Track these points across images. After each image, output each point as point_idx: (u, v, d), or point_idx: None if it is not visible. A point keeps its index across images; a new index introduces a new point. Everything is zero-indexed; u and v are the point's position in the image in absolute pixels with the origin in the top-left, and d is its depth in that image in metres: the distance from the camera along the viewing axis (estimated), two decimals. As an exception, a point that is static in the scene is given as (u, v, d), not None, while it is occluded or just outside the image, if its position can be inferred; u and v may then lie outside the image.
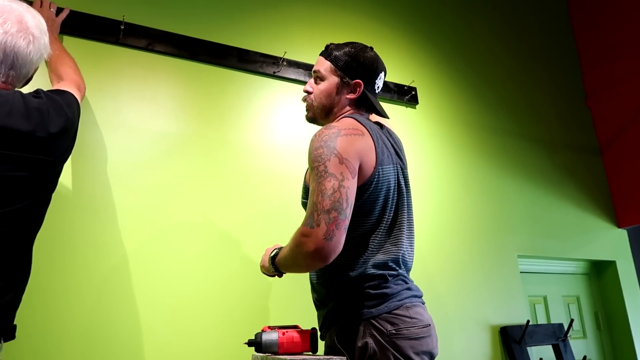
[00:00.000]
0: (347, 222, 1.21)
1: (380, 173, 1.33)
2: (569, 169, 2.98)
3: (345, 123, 1.37)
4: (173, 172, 1.79)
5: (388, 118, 1.54)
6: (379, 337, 1.25)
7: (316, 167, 1.26)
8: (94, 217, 1.62)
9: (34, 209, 1.12)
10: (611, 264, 2.94)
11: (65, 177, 1.60)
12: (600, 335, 2.88)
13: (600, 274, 2.99)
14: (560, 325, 2.52)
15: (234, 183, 1.89)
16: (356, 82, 1.44)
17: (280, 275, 1.43)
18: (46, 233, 1.51)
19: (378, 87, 1.49)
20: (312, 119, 1.52)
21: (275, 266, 1.37)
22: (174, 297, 1.67)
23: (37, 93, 1.19)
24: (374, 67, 1.47)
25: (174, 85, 1.89)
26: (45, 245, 1.51)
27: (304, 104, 1.52)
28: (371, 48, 1.50)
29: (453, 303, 2.24)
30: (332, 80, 1.44)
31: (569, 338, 2.51)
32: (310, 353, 1.30)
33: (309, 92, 1.48)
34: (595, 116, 3.24)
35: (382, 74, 1.49)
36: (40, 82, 1.60)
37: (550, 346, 2.49)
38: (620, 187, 3.06)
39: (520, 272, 2.61)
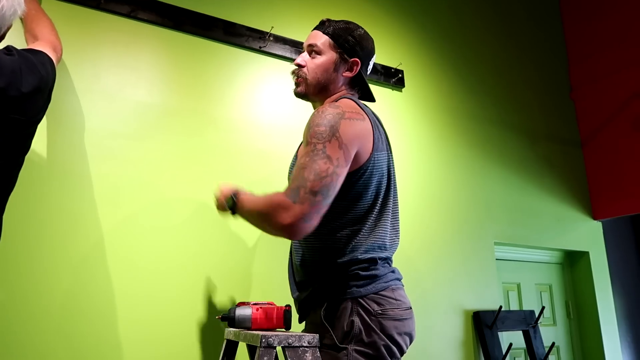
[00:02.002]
0: (325, 209, 1.21)
1: (375, 159, 1.34)
2: (549, 159, 3.01)
3: (348, 105, 1.35)
4: (153, 143, 1.76)
5: (375, 102, 1.53)
6: (365, 317, 1.27)
7: (314, 143, 1.23)
8: (70, 186, 1.58)
9: (6, 170, 1.09)
10: (584, 255, 3.00)
11: (40, 144, 1.56)
12: (570, 323, 2.95)
13: (574, 264, 3.05)
14: (532, 312, 2.57)
15: (215, 157, 1.87)
16: (354, 61, 1.43)
17: (231, 214, 1.37)
18: (20, 202, 1.48)
19: (369, 70, 1.50)
20: (302, 93, 1.47)
21: (235, 206, 1.33)
22: (146, 273, 1.65)
23: (9, 50, 1.14)
24: (371, 48, 1.48)
25: (157, 54, 1.85)
26: (19, 216, 1.48)
27: (293, 78, 1.48)
28: (363, 28, 1.49)
29: (429, 287, 2.26)
30: (330, 55, 1.42)
31: (539, 325, 2.56)
32: (284, 329, 1.30)
33: (301, 66, 1.44)
34: (579, 109, 3.27)
35: (374, 57, 1.50)
36: (16, 42, 1.55)
37: (521, 332, 2.54)
38: (598, 180, 3.11)
39: (496, 259, 2.65)
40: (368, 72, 1.51)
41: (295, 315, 1.49)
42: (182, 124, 1.83)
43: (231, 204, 1.33)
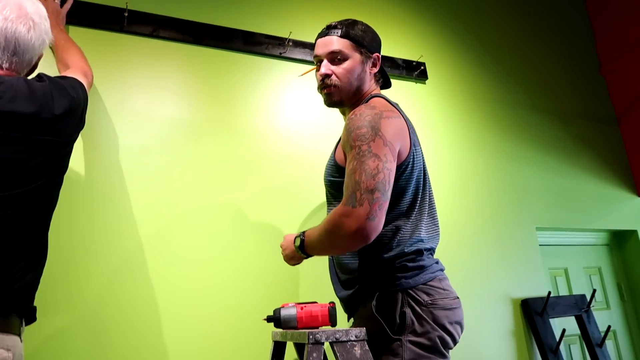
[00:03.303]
0: (387, 204, 1.21)
1: (415, 154, 1.35)
2: (585, 139, 2.92)
3: (382, 104, 1.35)
4: (182, 157, 1.79)
5: (391, 87, 1.60)
6: (417, 307, 1.26)
7: (358, 145, 1.23)
8: (108, 203, 1.63)
9: (46, 190, 1.13)
10: (632, 234, 2.88)
11: (78, 164, 1.61)
12: (624, 305, 2.84)
13: (622, 244, 2.93)
14: (583, 296, 2.49)
15: (244, 166, 1.89)
16: (376, 56, 1.46)
17: (305, 256, 1.37)
18: (62, 220, 1.53)
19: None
20: (338, 102, 1.44)
21: (304, 250, 1.33)
22: (189, 281, 1.68)
23: (40, 77, 1.19)
24: (379, 38, 1.51)
25: (181, 70, 1.89)
26: (62, 233, 1.53)
27: (321, 91, 1.44)
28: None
29: (472, 278, 2.22)
30: (356, 57, 1.42)
31: (592, 309, 2.47)
32: (330, 327, 1.30)
33: (329, 75, 1.41)
34: (611, 85, 3.17)
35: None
36: (49, 72, 1.61)
37: (574, 317, 2.46)
38: (638, 155, 2.99)
39: (540, 245, 2.57)
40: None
41: (342, 315, 1.48)
42: (210, 135, 1.86)
43: (299, 244, 1.33)
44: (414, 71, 2.38)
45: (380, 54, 1.49)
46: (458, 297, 1.35)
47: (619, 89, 3.12)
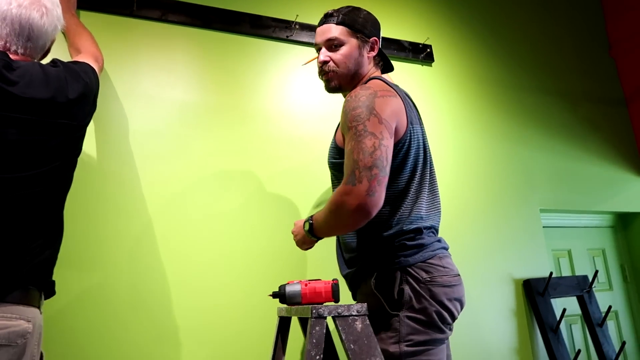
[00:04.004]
0: (387, 179, 1.25)
1: (412, 132, 1.38)
2: (592, 121, 2.92)
3: (377, 84, 1.39)
4: (193, 139, 1.84)
5: (393, 70, 1.60)
6: (415, 284, 1.30)
7: (354, 126, 1.27)
8: (120, 184, 1.69)
9: (63, 171, 1.19)
10: (638, 216, 2.90)
11: (90, 147, 1.67)
12: (627, 287, 2.87)
13: (627, 226, 2.95)
14: (585, 277, 2.52)
15: (252, 147, 1.93)
16: (373, 40, 1.49)
17: (315, 239, 1.42)
18: (77, 201, 1.59)
19: (381, 43, 1.54)
20: (337, 87, 1.49)
21: (314, 233, 1.37)
22: (200, 255, 1.74)
23: (54, 63, 1.24)
24: (378, 23, 1.54)
25: (189, 54, 1.92)
26: (77, 212, 1.59)
27: (322, 77, 1.50)
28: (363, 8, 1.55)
29: (476, 257, 2.26)
30: (352, 42, 1.46)
31: (593, 290, 2.51)
32: (333, 303, 1.35)
33: (326, 62, 1.46)
34: (620, 66, 3.14)
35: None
36: (61, 58, 1.66)
37: (575, 298, 2.50)
38: (646, 138, 2.99)
39: (544, 227, 2.60)
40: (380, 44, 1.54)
41: (347, 293, 1.54)
42: (219, 118, 1.90)
43: (308, 228, 1.37)
44: (420, 54, 2.39)
45: (379, 38, 1.51)
46: (459, 275, 1.39)
47: (629, 70, 3.10)
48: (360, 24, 1.46)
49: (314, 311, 1.18)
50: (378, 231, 1.36)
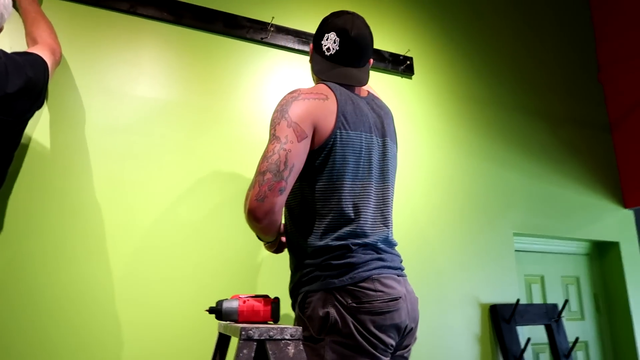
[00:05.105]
0: (285, 184, 1.20)
1: (341, 137, 1.29)
2: (575, 145, 2.86)
3: (314, 87, 1.36)
4: (154, 138, 1.76)
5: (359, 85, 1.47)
6: (341, 308, 1.22)
7: (270, 132, 1.27)
8: (72, 181, 1.61)
9: None
10: (614, 245, 2.84)
11: (44, 139, 1.59)
12: (600, 317, 2.81)
13: (603, 255, 2.90)
14: (555, 305, 2.46)
15: (219, 151, 1.86)
16: (311, 46, 1.49)
17: (274, 245, 1.44)
18: (23, 196, 1.51)
19: (327, 49, 1.41)
20: None
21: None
22: (152, 265, 1.66)
23: None
24: (320, 27, 1.46)
25: (158, 49, 1.85)
26: (22, 207, 1.51)
27: None
28: (348, 12, 1.44)
29: (442, 279, 2.19)
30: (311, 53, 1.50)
31: (563, 319, 2.45)
32: (272, 322, 1.28)
33: None
34: (608, 91, 3.10)
35: (331, 35, 1.40)
36: (19, 46, 1.59)
37: (544, 326, 2.44)
38: (629, 166, 2.94)
39: (517, 251, 2.54)
40: (327, 53, 1.41)
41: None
42: (185, 118, 1.83)
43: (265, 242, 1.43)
44: (400, 65, 2.33)
45: (314, 43, 1.46)
46: (399, 298, 1.25)
47: (617, 95, 3.05)
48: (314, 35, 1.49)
49: (243, 332, 1.11)
50: (306, 242, 1.29)
